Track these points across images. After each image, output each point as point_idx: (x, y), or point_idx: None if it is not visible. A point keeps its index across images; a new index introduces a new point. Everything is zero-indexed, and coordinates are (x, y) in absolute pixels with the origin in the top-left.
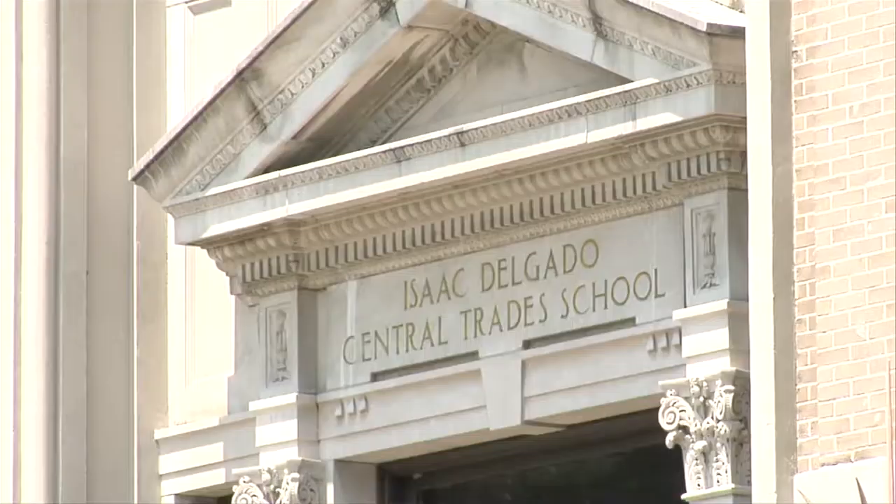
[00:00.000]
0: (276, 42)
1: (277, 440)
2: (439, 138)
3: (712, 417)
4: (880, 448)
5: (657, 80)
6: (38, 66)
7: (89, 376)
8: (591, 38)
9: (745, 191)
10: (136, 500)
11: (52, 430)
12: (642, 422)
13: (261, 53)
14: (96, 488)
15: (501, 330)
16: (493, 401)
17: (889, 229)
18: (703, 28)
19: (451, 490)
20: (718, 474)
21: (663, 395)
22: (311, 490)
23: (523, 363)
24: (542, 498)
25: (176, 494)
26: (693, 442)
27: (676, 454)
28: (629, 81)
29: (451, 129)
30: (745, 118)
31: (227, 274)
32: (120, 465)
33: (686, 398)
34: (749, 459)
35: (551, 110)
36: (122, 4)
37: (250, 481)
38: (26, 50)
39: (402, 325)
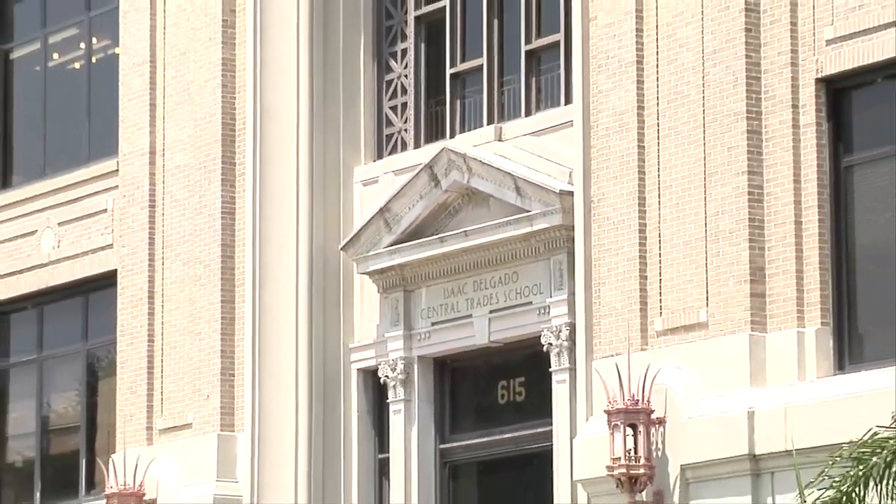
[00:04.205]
0: (394, 197)
1: (394, 348)
2: (457, 233)
3: (561, 339)
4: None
5: (539, 211)
6: (304, 207)
7: (325, 325)
8: (515, 195)
9: (573, 256)
10: (341, 373)
11: (310, 356)
12: (534, 342)
13: (389, 201)
14: (327, 369)
15: (481, 307)
16: (478, 333)
17: (630, 255)
18: (557, 191)
19: (463, 367)
20: (562, 362)
21: (543, 332)
22: (408, 367)
23: (489, 320)
24: (496, 369)
25: (357, 369)
26: (553, 349)
27: (547, 354)
28: (528, 212)
29: (461, 230)
30: (574, 226)
31: (376, 285)
32: (337, 359)
33: (551, 331)
34: (575, 357)
35: (500, 222)
36: (336, 184)
37: (384, 364)
38: (300, 195)
39: (444, 305)
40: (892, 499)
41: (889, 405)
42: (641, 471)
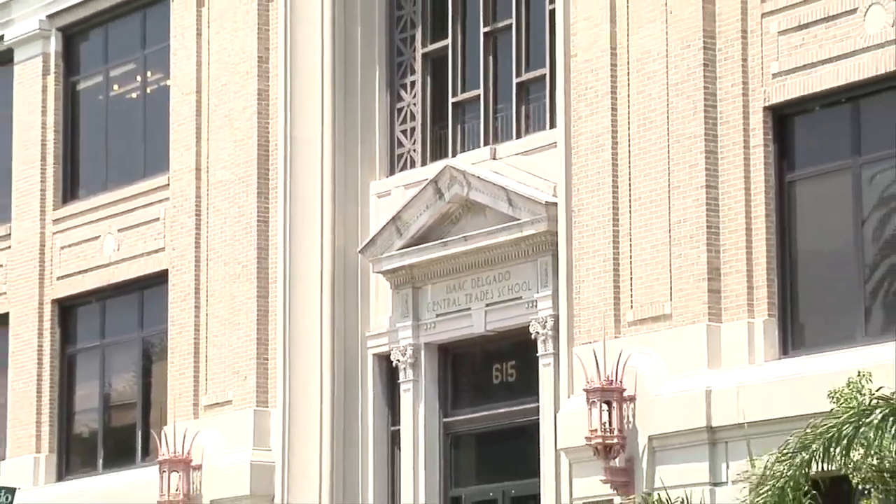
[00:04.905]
0: (404, 208)
1: (404, 336)
2: (457, 238)
3: (546, 329)
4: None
5: (528, 219)
6: (328, 216)
7: (346, 317)
8: (507, 206)
9: (556, 258)
10: (359, 357)
11: (332, 343)
12: (523, 331)
13: (400, 210)
14: (347, 354)
15: (478, 301)
16: (476, 323)
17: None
18: (543, 203)
19: (462, 352)
20: (547, 348)
21: (531, 322)
22: (416, 352)
23: (485, 312)
24: (491, 354)
25: (373, 354)
26: (540, 337)
27: (535, 342)
28: (518, 220)
29: (461, 235)
30: (558, 232)
31: (389, 282)
32: (355, 345)
33: (538, 322)
34: (558, 343)
35: (495, 229)
36: (354, 196)
37: (396, 349)
38: (324, 206)
39: (446, 299)
40: (831, 464)
41: (825, 385)
42: (615, 441)
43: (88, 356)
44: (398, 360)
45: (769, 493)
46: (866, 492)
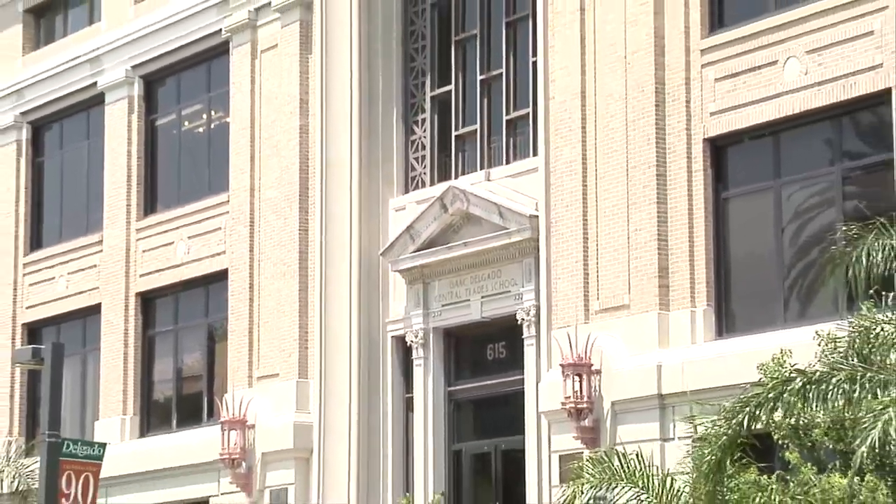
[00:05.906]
0: (416, 219)
1: (417, 322)
2: (459, 243)
3: (530, 316)
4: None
5: (515, 229)
6: (355, 226)
7: (370, 307)
8: (499, 218)
9: (538, 259)
10: (381, 339)
11: (359, 327)
12: (511, 318)
13: (413, 222)
14: (371, 336)
15: (476, 294)
16: (474, 312)
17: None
18: (528, 215)
19: (463, 335)
20: (530, 331)
21: (517, 311)
22: (426, 335)
23: (481, 303)
24: (485, 336)
25: (391, 337)
26: (525, 323)
27: (521, 326)
28: (508, 229)
29: (462, 241)
30: (539, 239)
31: (404, 279)
32: (377, 329)
33: (523, 311)
34: (539, 328)
35: (489, 236)
36: (377, 210)
37: (410, 332)
38: (353, 218)
39: (450, 292)
40: (759, 423)
41: (753, 360)
42: (585, 405)
43: (164, 338)
44: (411, 342)
45: (710, 447)
46: (786, 446)
